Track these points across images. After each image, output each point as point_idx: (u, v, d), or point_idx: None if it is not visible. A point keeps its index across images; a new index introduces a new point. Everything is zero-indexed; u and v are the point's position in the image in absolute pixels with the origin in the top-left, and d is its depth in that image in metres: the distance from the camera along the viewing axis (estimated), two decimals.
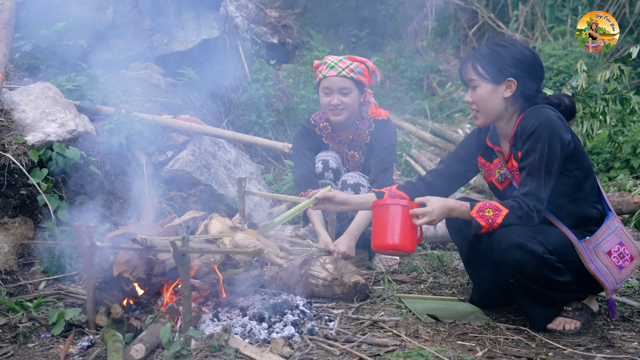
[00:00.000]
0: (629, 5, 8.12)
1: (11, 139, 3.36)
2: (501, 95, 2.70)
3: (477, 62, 2.71)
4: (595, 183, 2.74)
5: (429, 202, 2.66)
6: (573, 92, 4.51)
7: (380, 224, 2.71)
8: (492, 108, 2.72)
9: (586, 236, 2.66)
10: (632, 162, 5.44)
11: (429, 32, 9.40)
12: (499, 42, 2.73)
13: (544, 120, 2.59)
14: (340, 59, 3.68)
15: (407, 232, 2.67)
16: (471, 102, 2.76)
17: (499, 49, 2.69)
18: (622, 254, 2.67)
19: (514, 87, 2.67)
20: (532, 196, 2.57)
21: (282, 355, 2.37)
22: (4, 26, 4.18)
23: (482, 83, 2.70)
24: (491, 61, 2.68)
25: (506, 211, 2.58)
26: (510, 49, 2.68)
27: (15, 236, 3.28)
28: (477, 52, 2.74)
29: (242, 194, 3.36)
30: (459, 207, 2.65)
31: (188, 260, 2.43)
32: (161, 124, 4.19)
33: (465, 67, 2.77)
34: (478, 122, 2.79)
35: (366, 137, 3.80)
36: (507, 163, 2.80)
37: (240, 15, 6.96)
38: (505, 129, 2.78)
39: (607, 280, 2.64)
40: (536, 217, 2.58)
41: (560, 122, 2.61)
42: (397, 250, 2.70)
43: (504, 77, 2.67)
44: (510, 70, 2.66)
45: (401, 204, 2.68)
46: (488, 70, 2.68)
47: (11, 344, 2.54)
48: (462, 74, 2.80)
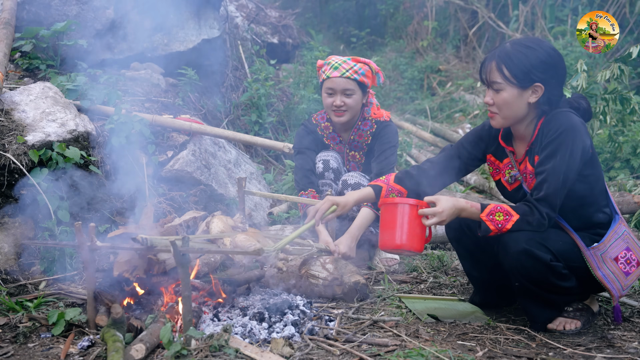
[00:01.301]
0: (629, 5, 8.12)
1: (11, 139, 3.36)
2: (526, 101, 2.58)
3: (502, 63, 2.55)
4: (604, 186, 2.70)
5: (439, 202, 2.59)
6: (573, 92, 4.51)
7: (388, 223, 2.65)
8: (514, 113, 2.60)
9: (594, 242, 2.62)
10: (632, 162, 5.44)
11: (429, 32, 9.40)
12: (526, 43, 2.57)
13: (570, 126, 2.51)
14: (344, 59, 3.66)
15: (416, 232, 2.62)
16: (492, 104, 2.63)
17: (527, 50, 2.53)
18: (629, 260, 2.64)
19: (541, 92, 2.55)
20: (546, 203, 2.51)
21: (282, 355, 2.37)
22: (4, 26, 4.18)
23: (508, 87, 2.56)
24: (518, 64, 2.53)
25: (517, 217, 2.53)
26: (538, 51, 2.53)
27: (16, 236, 3.28)
28: (502, 52, 2.57)
29: (242, 194, 3.36)
30: (470, 208, 2.59)
31: (188, 260, 2.43)
32: (161, 124, 4.19)
33: (488, 67, 2.60)
34: (494, 122, 2.67)
35: (367, 138, 3.80)
36: (520, 165, 2.73)
37: (240, 15, 6.96)
38: (525, 132, 2.68)
39: (613, 287, 2.61)
40: (547, 225, 2.54)
41: (583, 128, 2.53)
42: (405, 250, 2.65)
43: (531, 82, 2.54)
44: (538, 75, 2.52)
45: (410, 202, 2.62)
46: (515, 74, 2.53)
47: (11, 344, 2.54)
48: (483, 74, 2.64)
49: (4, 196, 3.27)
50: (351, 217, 3.77)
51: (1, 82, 3.56)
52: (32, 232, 3.34)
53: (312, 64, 6.27)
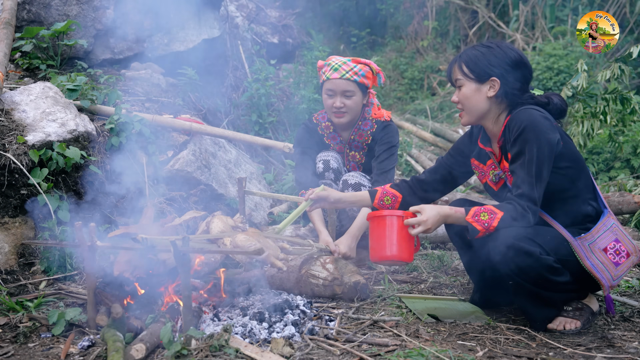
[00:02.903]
0: (629, 5, 8.12)
1: (12, 139, 3.36)
2: (485, 95, 2.73)
3: (462, 62, 2.75)
4: (589, 180, 2.75)
5: (424, 210, 2.68)
6: (574, 91, 4.51)
7: (377, 236, 2.75)
8: (475, 107, 2.75)
9: (582, 233, 2.67)
10: (632, 162, 5.44)
11: (430, 32, 9.41)
12: (485, 44, 2.77)
13: (529, 122, 2.60)
14: (345, 61, 3.66)
15: (404, 243, 2.72)
16: (457, 101, 2.81)
17: (484, 49, 2.74)
18: (618, 251, 2.68)
19: (498, 86, 2.70)
20: (525, 197, 2.57)
21: (282, 355, 2.37)
22: (4, 26, 4.18)
23: (467, 82, 2.74)
24: (476, 61, 2.72)
25: (501, 214, 2.58)
26: (495, 49, 2.72)
27: (16, 236, 3.28)
28: (463, 53, 2.79)
29: (242, 194, 3.36)
30: (454, 214, 2.67)
31: (188, 260, 2.43)
32: (161, 123, 4.19)
33: (452, 68, 2.82)
34: (463, 120, 2.84)
35: (368, 138, 3.80)
36: (500, 164, 2.81)
37: (240, 15, 6.96)
38: (494, 130, 2.80)
39: (603, 276, 2.64)
40: (531, 218, 2.58)
41: (546, 122, 2.62)
42: (396, 260, 2.74)
43: (487, 77, 2.71)
44: (493, 70, 2.69)
45: (396, 214, 2.72)
46: (472, 70, 2.72)
47: (12, 344, 2.54)
48: (449, 75, 2.84)
49: (4, 196, 3.27)
50: (352, 216, 3.77)
51: (1, 82, 3.57)
52: (32, 232, 3.34)
53: (312, 64, 6.27)
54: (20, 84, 4.01)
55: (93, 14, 4.75)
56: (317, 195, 2.99)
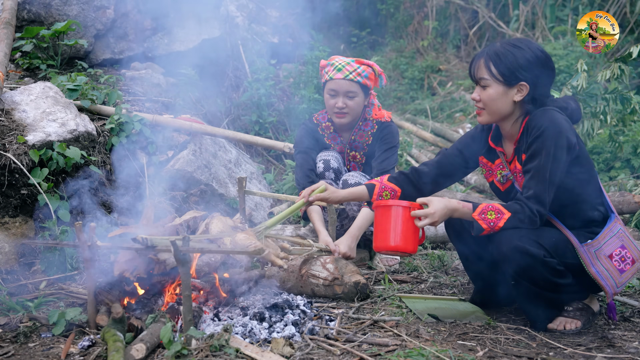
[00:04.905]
0: (629, 5, 8.11)
1: (12, 139, 3.36)
2: (511, 99, 2.64)
3: (490, 61, 2.63)
4: (597, 185, 2.72)
5: (431, 203, 2.62)
6: (573, 91, 4.51)
7: (382, 226, 2.70)
8: (499, 109, 2.67)
9: (588, 239, 2.64)
10: (632, 162, 5.43)
11: (430, 32, 9.40)
12: (514, 43, 2.64)
13: (552, 123, 2.55)
14: (348, 61, 3.65)
15: (409, 234, 2.66)
16: (478, 99, 2.70)
17: (514, 50, 2.61)
18: (624, 258, 2.65)
19: (526, 91, 2.62)
20: (536, 200, 2.54)
21: (282, 354, 2.37)
22: (5, 26, 4.18)
23: (494, 84, 2.63)
24: (505, 62, 2.60)
25: (508, 214, 2.56)
26: (525, 51, 2.61)
27: (16, 236, 3.28)
28: (491, 50, 2.65)
29: (242, 194, 3.36)
30: (462, 208, 2.62)
31: (189, 260, 2.43)
32: (162, 123, 4.19)
33: (476, 64, 2.68)
34: (481, 119, 2.74)
35: (368, 138, 3.80)
36: (510, 164, 2.77)
37: (240, 15, 6.95)
38: (511, 130, 2.74)
39: (607, 284, 2.62)
40: (538, 221, 2.56)
41: (567, 124, 2.58)
42: (400, 251, 2.70)
43: (517, 81, 2.61)
44: (524, 74, 2.59)
45: (403, 205, 2.66)
46: (501, 71, 2.61)
47: (12, 344, 2.54)
48: (472, 71, 2.72)
49: (4, 196, 3.27)
50: (351, 217, 3.77)
51: (2, 82, 3.57)
52: (32, 232, 3.34)
53: (312, 64, 6.27)
54: (21, 84, 4.02)
55: (93, 13, 4.75)
56: (316, 197, 2.94)
